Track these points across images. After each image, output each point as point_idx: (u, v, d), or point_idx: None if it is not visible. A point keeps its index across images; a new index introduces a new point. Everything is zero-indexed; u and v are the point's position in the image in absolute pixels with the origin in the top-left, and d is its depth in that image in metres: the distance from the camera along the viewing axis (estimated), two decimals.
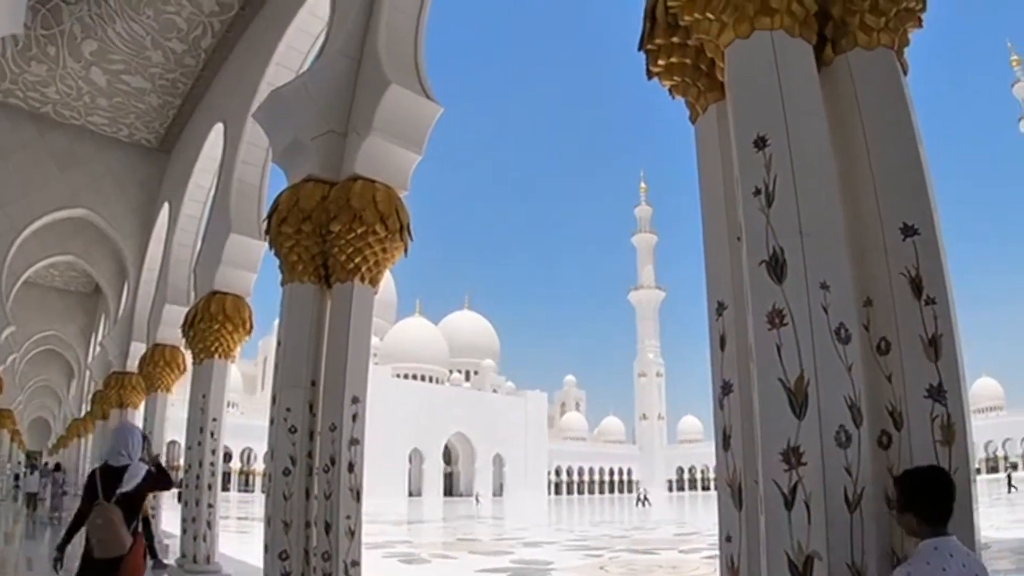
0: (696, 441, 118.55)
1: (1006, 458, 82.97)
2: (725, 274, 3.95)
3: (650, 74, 4.44)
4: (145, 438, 6.01)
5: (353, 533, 6.74)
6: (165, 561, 11.30)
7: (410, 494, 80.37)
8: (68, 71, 14.99)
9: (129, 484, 5.42)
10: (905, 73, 3.95)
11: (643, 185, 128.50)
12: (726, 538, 3.76)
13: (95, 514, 5.27)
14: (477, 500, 72.95)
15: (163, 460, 8.20)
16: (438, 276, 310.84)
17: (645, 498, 64.21)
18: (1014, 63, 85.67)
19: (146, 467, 5.72)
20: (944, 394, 3.29)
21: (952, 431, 3.23)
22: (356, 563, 6.72)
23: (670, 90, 4.45)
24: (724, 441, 3.81)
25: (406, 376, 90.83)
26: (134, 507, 5.48)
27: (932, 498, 2.70)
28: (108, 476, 5.46)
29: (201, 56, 14.43)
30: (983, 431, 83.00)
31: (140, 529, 5.64)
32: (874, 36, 3.84)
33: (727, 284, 3.92)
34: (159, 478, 5.93)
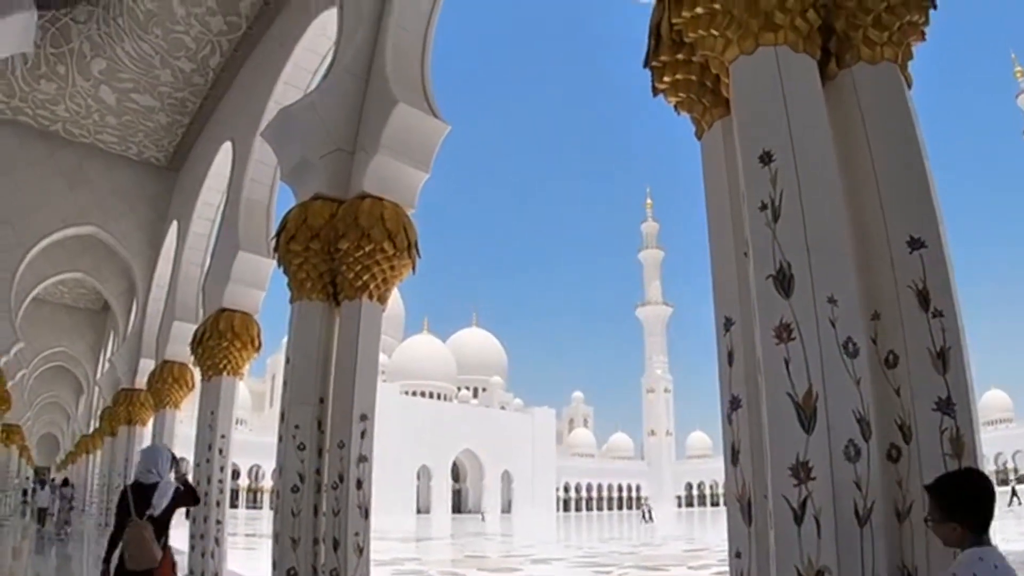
0: (705, 457, 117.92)
1: (1016, 470, 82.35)
2: (732, 289, 3.96)
3: (656, 91, 4.46)
4: (174, 457, 6.25)
5: (361, 550, 6.74)
6: None
7: (418, 511, 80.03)
8: (77, 89, 15.14)
9: (160, 503, 5.72)
10: (909, 86, 3.96)
11: (649, 201, 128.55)
12: (736, 554, 3.74)
13: (128, 530, 5.57)
14: (483, 517, 72.65)
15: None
16: (446, 293, 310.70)
17: (649, 513, 63.86)
18: (1018, 74, 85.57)
19: (175, 485, 5.98)
20: (953, 407, 3.28)
21: (961, 444, 3.22)
22: None
23: (676, 106, 4.47)
24: (733, 456, 3.80)
25: (414, 393, 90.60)
26: (163, 523, 5.77)
27: (978, 504, 2.55)
28: (139, 493, 5.75)
29: (209, 75, 14.56)
30: (993, 443, 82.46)
31: (168, 543, 5.91)
32: (878, 50, 3.85)
33: (734, 299, 3.93)
34: (186, 495, 6.17)
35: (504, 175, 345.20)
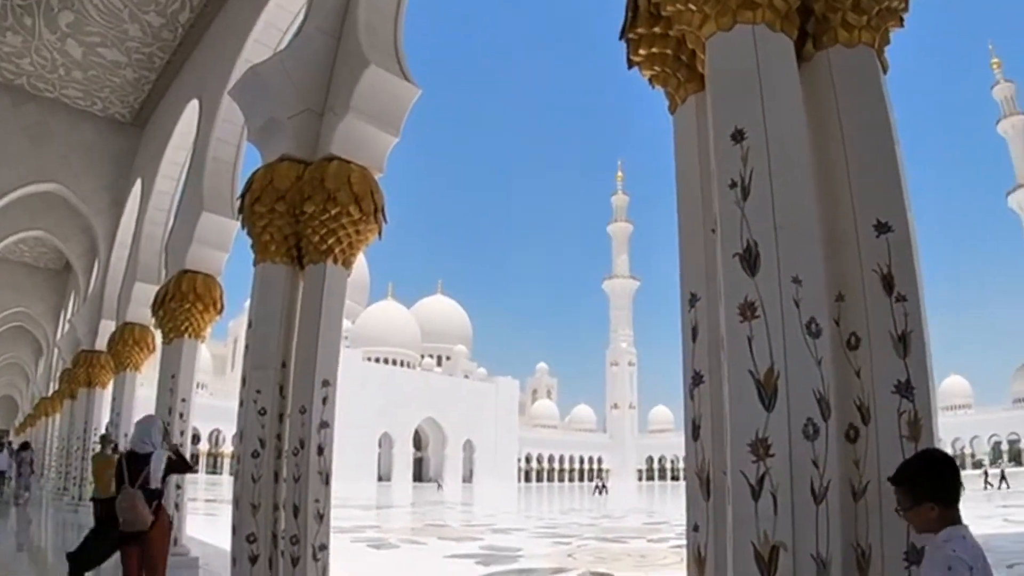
0: (667, 431, 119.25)
1: (973, 455, 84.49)
2: (699, 265, 3.97)
3: (631, 63, 4.43)
4: (165, 428, 6.87)
5: (322, 517, 6.73)
6: None
7: (379, 479, 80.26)
8: (44, 43, 14.75)
9: (157, 475, 6.20)
10: (885, 72, 3.97)
11: (620, 174, 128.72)
12: (693, 527, 3.79)
13: (121, 496, 6.08)
14: (439, 486, 72.97)
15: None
16: (411, 260, 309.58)
17: (603, 486, 64.56)
18: (995, 65, 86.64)
19: (167, 455, 6.41)
20: (912, 390, 3.32)
21: (919, 427, 3.27)
22: (324, 547, 6.70)
23: (650, 80, 4.45)
24: (694, 431, 3.83)
25: (377, 360, 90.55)
26: (156, 490, 6.23)
27: (953, 482, 2.48)
28: (132, 462, 6.21)
29: (178, 30, 14.25)
30: (952, 429, 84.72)
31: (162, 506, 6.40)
32: (855, 34, 3.85)
33: (701, 275, 3.94)
34: (178, 464, 6.69)
35: (474, 144, 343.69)
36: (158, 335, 12.86)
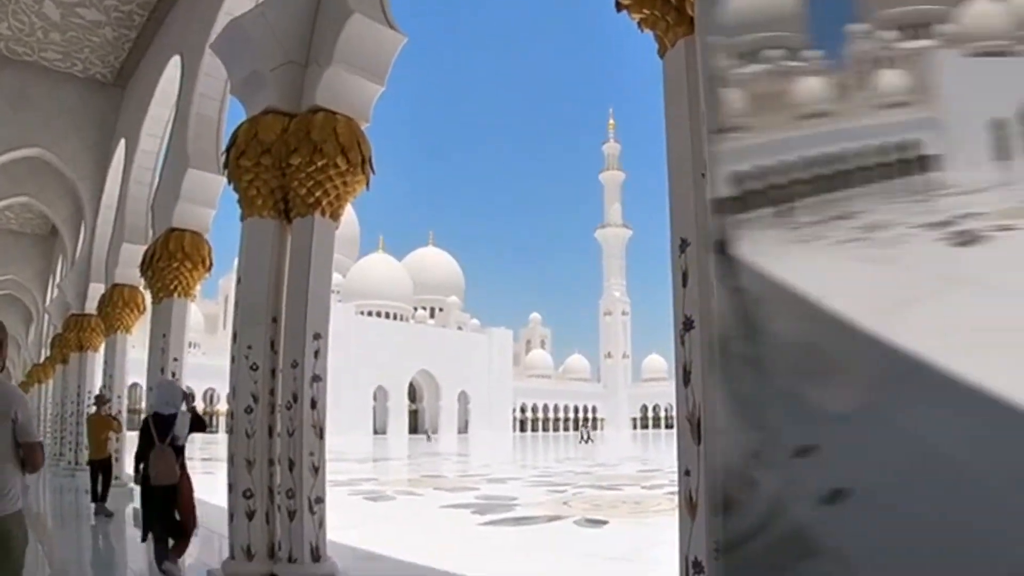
0: (660, 380, 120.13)
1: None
2: (689, 210, 3.93)
3: (619, 6, 4.35)
4: (184, 392, 7.55)
5: (317, 470, 6.76)
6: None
7: (375, 432, 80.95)
8: (20, 6, 14.46)
9: (182, 433, 6.98)
10: None
11: (612, 122, 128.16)
12: (685, 472, 3.81)
13: (155, 454, 6.75)
14: (428, 437, 73.62)
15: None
16: (402, 212, 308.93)
17: (588, 436, 65.60)
18: None
19: (189, 416, 7.22)
20: None
21: None
22: (320, 500, 6.74)
23: (639, 23, 4.36)
24: (684, 376, 3.83)
25: (370, 313, 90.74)
26: (180, 448, 7.00)
27: None
28: (159, 422, 6.91)
29: None
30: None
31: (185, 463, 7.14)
32: None
33: (691, 220, 3.91)
34: (197, 423, 7.43)
35: (465, 92, 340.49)
36: (148, 296, 12.82)
